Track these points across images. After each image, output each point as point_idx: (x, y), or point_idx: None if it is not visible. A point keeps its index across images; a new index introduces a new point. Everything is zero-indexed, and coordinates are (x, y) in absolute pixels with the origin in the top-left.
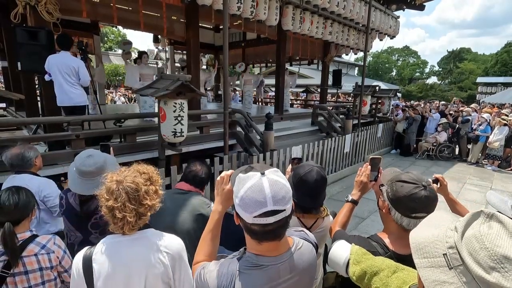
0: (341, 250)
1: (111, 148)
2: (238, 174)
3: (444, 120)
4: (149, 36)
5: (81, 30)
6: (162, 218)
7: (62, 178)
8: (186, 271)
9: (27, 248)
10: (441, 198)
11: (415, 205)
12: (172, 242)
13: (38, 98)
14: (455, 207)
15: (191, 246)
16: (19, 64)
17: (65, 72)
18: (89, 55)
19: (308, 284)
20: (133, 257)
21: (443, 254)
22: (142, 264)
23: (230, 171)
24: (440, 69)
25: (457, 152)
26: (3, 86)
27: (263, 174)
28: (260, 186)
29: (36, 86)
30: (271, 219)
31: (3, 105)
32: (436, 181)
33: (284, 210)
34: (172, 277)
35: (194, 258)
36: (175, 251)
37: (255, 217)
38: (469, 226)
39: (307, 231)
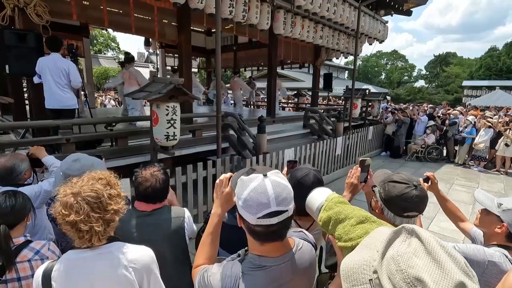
0: (318, 196)
1: (103, 159)
2: (240, 176)
3: (432, 122)
4: (140, 39)
5: (70, 33)
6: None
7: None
8: (156, 284)
9: (20, 254)
10: (432, 199)
11: (407, 204)
12: (139, 255)
13: (26, 102)
14: (445, 205)
15: (171, 268)
16: (7, 67)
17: (56, 74)
18: (79, 58)
19: (309, 283)
20: (95, 275)
21: (369, 280)
22: (106, 282)
23: (229, 174)
24: (428, 73)
25: (444, 154)
26: None
27: (265, 175)
28: (263, 187)
29: (24, 89)
30: (274, 220)
31: None
32: (427, 179)
33: (287, 210)
34: None
35: (194, 261)
36: (143, 265)
37: (259, 218)
38: (390, 245)
39: (306, 232)
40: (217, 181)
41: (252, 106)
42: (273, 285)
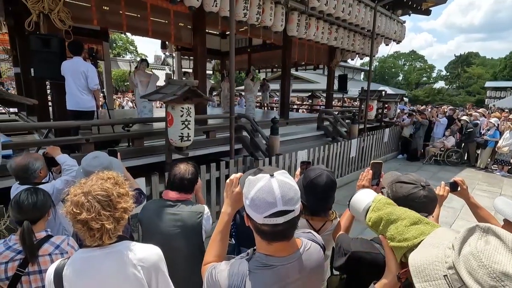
0: (364, 196)
1: (118, 154)
2: (248, 176)
3: (465, 118)
4: (157, 42)
5: (91, 37)
6: (152, 236)
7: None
8: (164, 283)
9: (42, 248)
10: (450, 204)
11: (414, 204)
12: (148, 254)
13: (50, 103)
14: (477, 212)
15: (184, 263)
16: (32, 70)
17: (76, 77)
18: (98, 61)
19: (317, 285)
20: (105, 273)
21: (444, 276)
22: (115, 281)
23: (239, 174)
24: (448, 74)
25: (465, 157)
26: (15, 91)
27: (272, 175)
28: (269, 187)
29: (48, 92)
30: (281, 219)
31: (15, 110)
32: (454, 185)
33: (293, 210)
34: None
35: (204, 258)
36: (151, 264)
37: (265, 217)
38: (465, 243)
39: (314, 233)
40: (227, 181)
41: (265, 108)
42: (280, 284)
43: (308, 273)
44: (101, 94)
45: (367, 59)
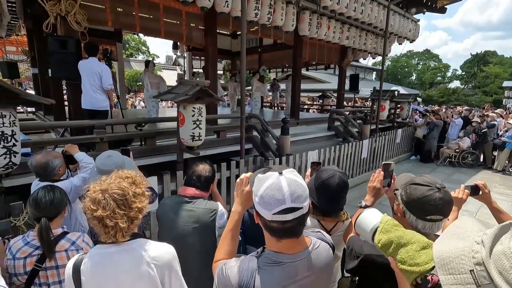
0: (371, 217)
1: (131, 153)
2: (257, 175)
3: (476, 119)
4: (169, 42)
5: (105, 38)
6: (168, 231)
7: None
8: (177, 281)
9: (58, 244)
10: (465, 206)
11: (429, 207)
12: (161, 253)
13: (65, 103)
14: (499, 217)
15: (197, 259)
16: (49, 71)
17: (91, 77)
18: (112, 62)
19: (325, 283)
20: (120, 269)
21: (470, 271)
22: (130, 277)
23: (249, 173)
24: (463, 73)
25: (481, 159)
26: (33, 91)
27: (280, 173)
28: (278, 184)
29: (64, 92)
30: (289, 216)
31: (33, 109)
32: (476, 189)
33: (302, 207)
34: None
35: (215, 256)
36: (164, 262)
37: (274, 214)
38: (497, 241)
39: (323, 232)
40: (238, 180)
41: (276, 108)
42: (288, 282)
43: (317, 271)
44: (115, 94)
45: (379, 58)
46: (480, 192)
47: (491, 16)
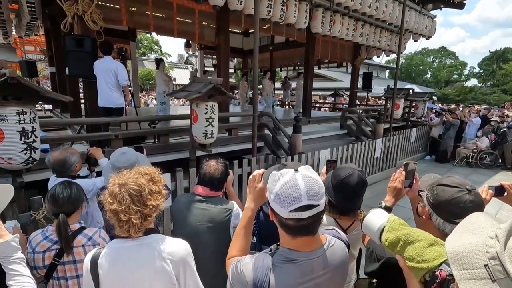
0: (377, 217)
1: (144, 150)
2: (272, 171)
3: (496, 119)
4: (181, 41)
5: (119, 37)
6: (182, 229)
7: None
8: (192, 277)
9: (76, 239)
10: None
11: (459, 210)
12: (177, 248)
13: (82, 101)
14: None
15: (211, 258)
16: (67, 69)
17: (106, 75)
18: (127, 60)
19: (341, 281)
20: (137, 263)
21: (485, 265)
22: (146, 272)
23: (261, 170)
24: (481, 71)
25: (500, 160)
26: (51, 89)
27: (296, 170)
28: (294, 181)
29: (80, 90)
30: (306, 214)
31: (50, 107)
32: (501, 189)
33: (318, 205)
34: (177, 284)
35: (228, 253)
36: (179, 258)
37: (290, 211)
38: (511, 235)
39: (338, 230)
40: (251, 177)
41: (287, 106)
42: (303, 279)
43: (332, 269)
44: (131, 90)
45: (392, 56)
46: (505, 193)
47: (511, 11)
